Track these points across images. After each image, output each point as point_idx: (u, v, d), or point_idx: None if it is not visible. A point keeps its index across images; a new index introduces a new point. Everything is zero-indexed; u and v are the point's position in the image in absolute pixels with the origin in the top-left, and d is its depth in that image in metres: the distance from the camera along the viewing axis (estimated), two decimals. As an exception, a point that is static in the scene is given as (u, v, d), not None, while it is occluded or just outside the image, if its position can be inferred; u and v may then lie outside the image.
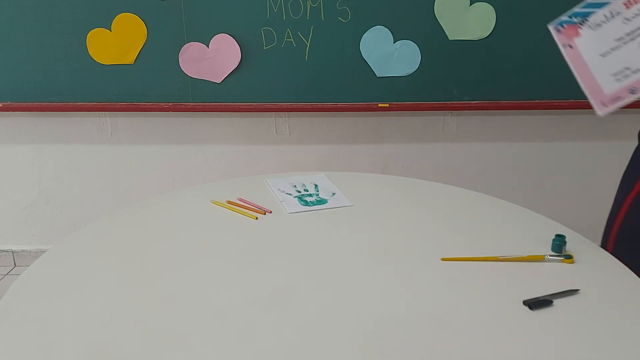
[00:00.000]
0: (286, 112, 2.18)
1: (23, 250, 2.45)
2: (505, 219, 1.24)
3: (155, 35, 1.99)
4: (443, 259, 1.05)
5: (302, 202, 1.30)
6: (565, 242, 1.07)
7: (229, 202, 1.29)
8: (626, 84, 0.96)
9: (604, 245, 1.28)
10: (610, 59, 0.97)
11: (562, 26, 0.99)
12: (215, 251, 1.08)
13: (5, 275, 2.41)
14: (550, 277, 0.99)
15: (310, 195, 1.34)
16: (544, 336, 0.84)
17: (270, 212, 1.25)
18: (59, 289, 0.95)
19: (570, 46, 1.00)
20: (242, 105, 2.09)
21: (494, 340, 0.83)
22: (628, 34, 0.95)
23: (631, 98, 0.96)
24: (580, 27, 0.98)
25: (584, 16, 0.98)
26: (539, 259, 1.05)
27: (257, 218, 1.22)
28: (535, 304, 0.91)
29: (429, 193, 1.38)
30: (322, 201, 1.31)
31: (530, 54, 2.01)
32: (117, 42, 2.00)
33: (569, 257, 1.05)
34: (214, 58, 2.02)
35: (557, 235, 1.08)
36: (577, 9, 0.98)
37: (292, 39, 2.00)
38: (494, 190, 2.29)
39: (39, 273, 1.00)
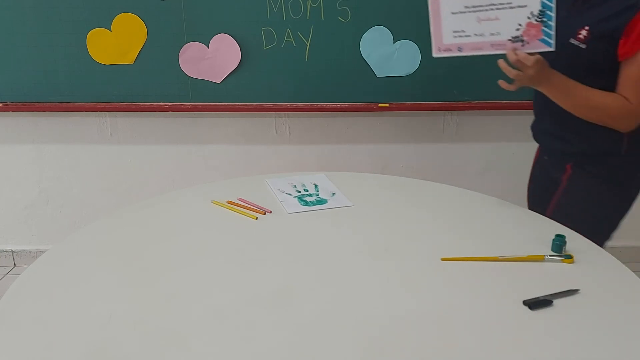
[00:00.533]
0: (286, 112, 2.18)
1: (23, 250, 2.45)
2: (505, 219, 1.24)
3: (155, 35, 1.99)
4: (443, 259, 1.05)
5: (302, 202, 1.30)
6: (565, 242, 1.07)
7: (229, 202, 1.29)
8: (458, 42, 1.22)
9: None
10: (456, 18, 1.20)
11: None
12: (215, 251, 1.08)
13: (5, 275, 2.41)
14: (550, 277, 0.99)
15: (310, 195, 1.34)
16: (544, 336, 0.84)
17: (270, 212, 1.25)
18: (59, 289, 0.95)
19: None
20: (242, 105, 2.09)
21: (494, 340, 0.83)
22: (474, 7, 1.18)
23: (457, 54, 1.23)
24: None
25: None
26: (539, 259, 1.05)
27: (257, 218, 1.22)
28: (535, 304, 0.91)
29: (429, 193, 1.38)
30: (322, 201, 1.31)
31: (530, 54, 2.01)
32: (117, 42, 2.00)
33: (569, 257, 1.05)
34: (214, 58, 2.02)
35: (557, 235, 1.08)
36: None
37: (292, 39, 2.00)
38: (494, 190, 2.29)
39: (38, 273, 1.00)
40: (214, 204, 1.29)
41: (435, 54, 1.25)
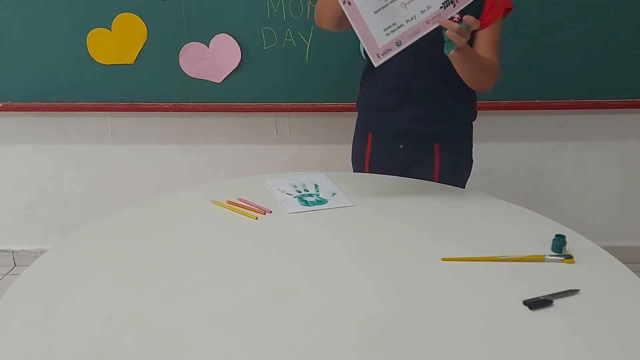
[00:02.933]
0: (286, 112, 2.18)
1: (23, 250, 2.45)
2: (505, 219, 1.24)
3: (155, 35, 1.99)
4: (443, 259, 1.05)
5: (302, 202, 1.30)
6: (565, 242, 1.07)
7: (229, 202, 1.29)
8: (394, 37, 1.13)
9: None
10: (381, 15, 1.12)
11: None
12: (215, 251, 1.08)
13: (5, 275, 2.41)
14: (550, 277, 0.99)
15: (310, 195, 1.34)
16: (544, 336, 0.84)
17: (270, 212, 1.25)
18: (59, 289, 0.95)
19: (349, 3, 1.11)
20: (242, 105, 2.09)
21: (494, 340, 0.83)
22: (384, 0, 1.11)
23: (398, 49, 1.14)
24: None
25: None
26: (539, 259, 1.05)
27: (257, 218, 1.22)
28: (535, 304, 0.91)
29: (429, 193, 1.38)
30: (322, 201, 1.31)
31: (530, 54, 2.01)
32: (117, 42, 2.00)
33: (569, 257, 1.05)
34: (214, 58, 2.02)
35: (557, 235, 1.08)
36: None
37: (292, 39, 2.00)
38: (494, 190, 2.29)
39: (38, 273, 1.00)
40: (214, 204, 1.29)
41: (377, 62, 1.14)
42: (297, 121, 2.22)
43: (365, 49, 1.14)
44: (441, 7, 1.14)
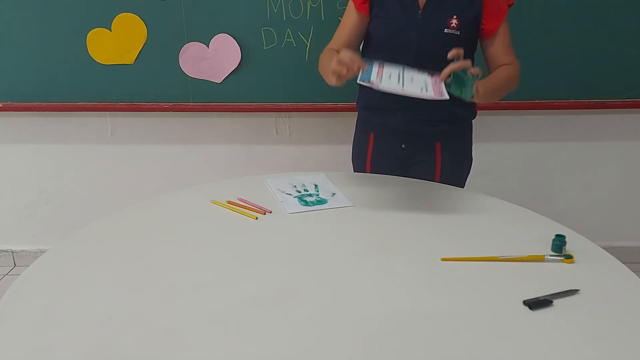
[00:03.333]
0: (286, 112, 2.18)
1: (23, 250, 2.45)
2: (505, 219, 1.24)
3: (155, 35, 1.99)
4: (443, 259, 1.05)
5: (302, 202, 1.30)
6: (565, 242, 1.07)
7: (229, 202, 1.29)
8: (434, 88, 1.21)
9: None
10: (409, 88, 1.20)
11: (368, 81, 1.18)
12: (215, 251, 1.08)
13: (5, 275, 2.41)
14: (550, 277, 1.00)
15: (310, 195, 1.34)
16: (544, 336, 0.84)
17: (270, 212, 1.25)
18: (59, 289, 0.95)
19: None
20: (242, 105, 2.09)
21: (494, 340, 0.83)
22: (397, 83, 1.20)
23: (445, 94, 1.21)
24: (372, 85, 1.17)
25: (367, 79, 1.18)
26: (539, 259, 1.05)
27: (257, 218, 1.22)
28: (535, 304, 0.91)
29: (429, 193, 1.38)
30: (322, 201, 1.31)
31: (531, 54, 2.01)
32: (117, 42, 2.00)
33: (569, 257, 1.05)
34: (214, 58, 2.02)
35: (557, 235, 1.08)
36: (359, 80, 1.18)
37: (292, 39, 2.00)
38: (494, 190, 2.29)
39: (38, 273, 1.00)
40: (214, 204, 1.29)
41: (443, 97, 1.23)
42: (297, 121, 2.22)
43: (436, 98, 1.21)
44: (432, 77, 1.26)
